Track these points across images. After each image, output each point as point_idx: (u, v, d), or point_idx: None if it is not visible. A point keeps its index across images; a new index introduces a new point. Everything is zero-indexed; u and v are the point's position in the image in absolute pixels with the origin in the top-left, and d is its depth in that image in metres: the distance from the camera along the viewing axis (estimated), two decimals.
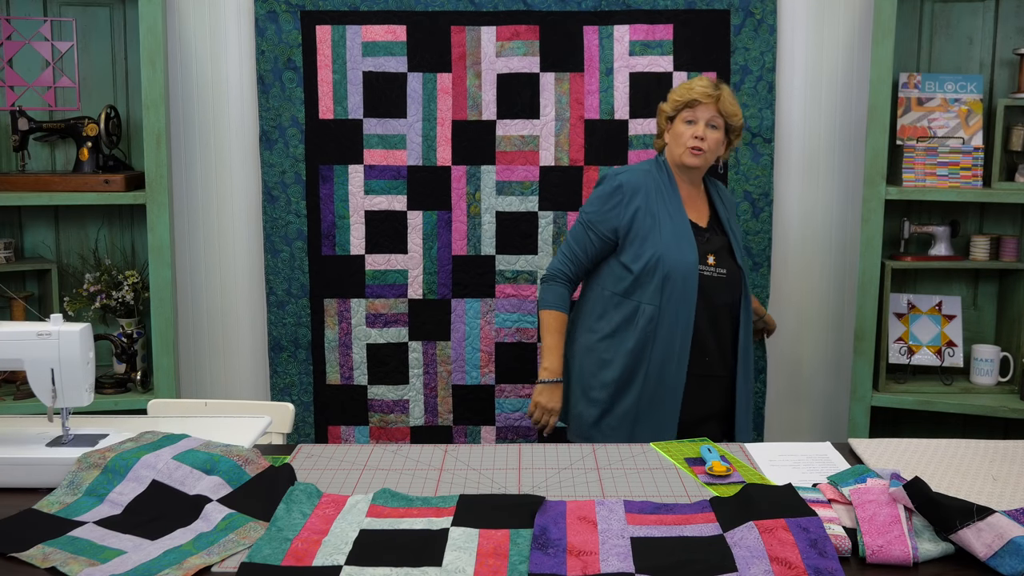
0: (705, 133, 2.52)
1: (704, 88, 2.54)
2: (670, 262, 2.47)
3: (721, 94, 2.54)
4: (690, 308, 2.48)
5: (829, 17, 3.15)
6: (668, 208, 2.54)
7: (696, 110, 2.53)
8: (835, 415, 3.34)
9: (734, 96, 2.59)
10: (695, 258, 2.49)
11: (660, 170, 2.61)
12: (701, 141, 2.52)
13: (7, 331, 1.82)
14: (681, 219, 2.53)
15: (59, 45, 3.04)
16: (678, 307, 2.47)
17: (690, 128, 2.53)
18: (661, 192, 2.56)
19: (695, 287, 2.48)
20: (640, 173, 2.59)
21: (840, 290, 3.29)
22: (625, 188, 2.55)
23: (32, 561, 1.46)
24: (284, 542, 1.51)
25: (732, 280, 2.56)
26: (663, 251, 2.48)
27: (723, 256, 2.56)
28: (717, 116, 2.54)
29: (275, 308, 3.23)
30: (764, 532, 1.48)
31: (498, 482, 1.81)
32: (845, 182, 3.23)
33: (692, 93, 2.53)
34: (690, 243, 2.51)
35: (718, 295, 2.53)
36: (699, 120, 2.53)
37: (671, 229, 2.51)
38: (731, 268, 2.56)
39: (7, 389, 3.07)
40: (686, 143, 2.53)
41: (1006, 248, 3.09)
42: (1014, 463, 1.87)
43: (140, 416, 2.17)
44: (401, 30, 3.11)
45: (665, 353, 2.48)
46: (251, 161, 3.21)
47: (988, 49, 3.11)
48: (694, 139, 2.52)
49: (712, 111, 2.53)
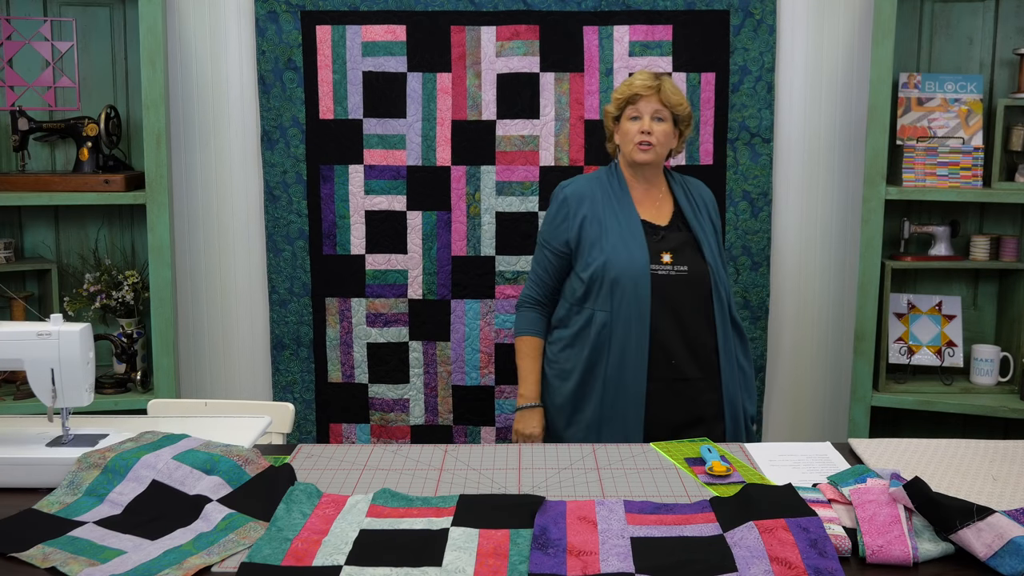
0: (651, 127, 2.49)
1: (644, 81, 2.51)
2: (617, 266, 2.42)
3: (662, 84, 2.51)
4: (644, 311, 2.41)
5: (829, 17, 3.15)
6: (617, 211, 2.50)
7: (639, 105, 2.50)
8: (835, 415, 3.34)
9: (676, 86, 2.55)
10: (645, 259, 2.43)
11: (611, 174, 2.58)
12: (648, 135, 2.48)
13: (7, 331, 1.82)
14: (631, 221, 2.49)
15: (59, 45, 3.04)
16: (631, 311, 2.41)
17: (636, 124, 2.50)
18: (609, 196, 2.53)
19: (647, 289, 2.41)
20: (586, 181, 2.58)
21: (840, 290, 3.29)
22: (570, 200, 2.54)
23: (32, 561, 1.46)
24: (284, 542, 1.51)
25: (697, 278, 2.47)
26: (609, 255, 2.44)
27: (685, 253, 2.48)
28: (662, 108, 2.50)
29: (277, 306, 3.23)
30: (764, 532, 1.48)
31: (498, 482, 1.81)
32: (845, 182, 3.23)
33: (632, 88, 2.50)
34: (640, 244, 2.45)
35: (680, 294, 2.45)
36: (643, 114, 2.49)
37: (618, 232, 2.47)
38: (695, 265, 2.47)
39: (7, 389, 3.07)
40: (633, 139, 2.50)
41: (1006, 248, 3.09)
42: (1014, 463, 1.87)
43: (140, 416, 2.17)
44: (401, 30, 3.11)
45: (621, 359, 2.42)
46: (252, 161, 3.21)
47: (988, 49, 3.11)
48: (641, 134, 2.49)
49: (655, 103, 2.49)
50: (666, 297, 2.43)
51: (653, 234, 2.49)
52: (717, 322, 2.48)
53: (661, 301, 2.42)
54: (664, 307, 2.43)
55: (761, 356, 3.25)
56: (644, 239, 2.46)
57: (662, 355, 2.43)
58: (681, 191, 2.60)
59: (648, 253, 2.44)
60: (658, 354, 2.42)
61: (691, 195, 2.60)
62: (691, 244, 2.50)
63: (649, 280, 2.42)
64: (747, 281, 3.22)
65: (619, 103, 2.55)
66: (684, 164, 3.15)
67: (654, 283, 2.42)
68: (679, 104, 2.52)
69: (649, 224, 2.51)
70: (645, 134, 2.48)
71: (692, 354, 2.45)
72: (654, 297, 2.42)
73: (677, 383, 2.44)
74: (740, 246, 3.20)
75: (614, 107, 2.57)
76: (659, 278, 2.43)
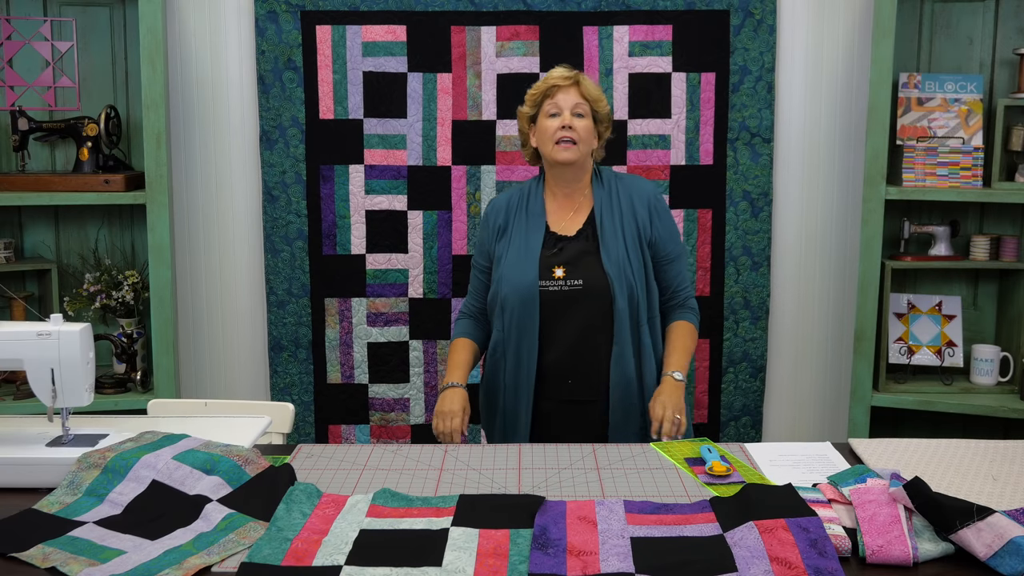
0: (572, 121, 2.31)
1: (561, 73, 2.36)
2: (507, 284, 2.31)
3: (580, 77, 2.37)
4: (531, 331, 2.28)
5: (829, 17, 3.15)
6: (526, 224, 2.38)
7: (557, 99, 2.33)
8: (835, 415, 3.34)
9: (595, 83, 2.43)
10: (534, 276, 2.29)
11: (536, 184, 2.45)
12: (569, 130, 2.31)
13: (7, 331, 1.82)
14: (534, 233, 2.36)
15: (59, 45, 3.04)
16: (519, 331, 2.29)
17: (555, 120, 2.33)
18: (524, 208, 2.41)
19: (535, 307, 2.28)
20: (510, 193, 2.48)
21: (840, 290, 3.29)
22: (490, 214, 2.46)
23: (32, 561, 1.46)
24: (284, 542, 1.51)
25: (595, 291, 2.29)
26: (503, 273, 2.34)
27: (584, 265, 2.31)
28: (582, 101, 2.34)
29: (275, 308, 3.23)
30: (764, 532, 1.48)
31: (498, 482, 1.81)
32: (845, 182, 3.23)
33: (549, 81, 2.36)
34: (532, 259, 2.31)
35: (575, 311, 2.29)
36: (563, 109, 2.32)
37: (518, 246, 2.35)
38: (593, 278, 2.29)
39: (7, 389, 3.07)
40: (553, 137, 2.32)
41: (1006, 248, 3.09)
42: (1014, 463, 1.87)
43: (140, 416, 2.17)
44: (401, 30, 3.11)
45: (514, 381, 2.32)
46: (251, 161, 3.21)
47: (988, 49, 3.11)
48: (561, 129, 2.31)
49: (575, 96, 2.34)
50: (558, 315, 2.29)
51: (552, 247, 2.34)
52: (615, 339, 2.29)
53: (554, 319, 2.29)
54: (557, 325, 2.29)
55: (761, 356, 3.25)
56: (538, 253, 2.32)
57: (555, 376, 2.31)
58: (606, 193, 2.41)
59: (538, 268, 2.30)
60: (552, 375, 2.31)
61: (617, 196, 2.40)
62: (593, 253, 2.33)
63: (537, 298, 2.28)
64: (747, 281, 3.22)
65: (535, 98, 2.38)
66: (685, 164, 3.15)
67: (544, 301, 2.29)
68: (599, 100, 2.37)
69: (554, 235, 2.36)
70: (566, 129, 2.31)
71: (594, 374, 2.31)
72: (545, 316, 2.29)
73: (570, 405, 2.33)
74: (740, 246, 3.20)
75: (529, 105, 2.40)
76: (549, 295, 2.29)
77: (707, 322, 3.23)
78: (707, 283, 3.22)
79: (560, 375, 2.31)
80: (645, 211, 2.38)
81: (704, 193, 3.18)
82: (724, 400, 3.27)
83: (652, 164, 3.16)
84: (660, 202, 2.42)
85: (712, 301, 3.22)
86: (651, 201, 2.40)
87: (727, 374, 3.26)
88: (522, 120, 2.44)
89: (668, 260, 2.41)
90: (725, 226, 3.19)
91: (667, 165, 3.16)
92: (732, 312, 3.23)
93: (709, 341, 3.25)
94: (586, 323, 2.29)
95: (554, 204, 2.42)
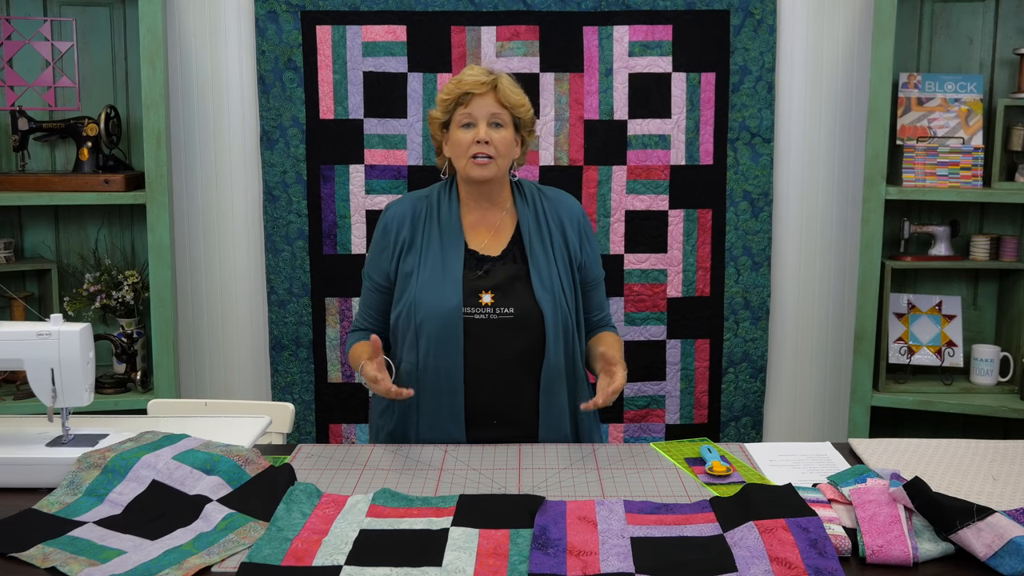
0: (488, 134, 2.04)
1: (476, 77, 2.06)
2: (423, 308, 2.01)
3: (499, 80, 2.08)
4: (455, 364, 2.00)
5: (829, 17, 3.15)
6: (440, 239, 2.09)
7: (471, 107, 2.05)
8: (835, 415, 3.34)
9: (515, 83, 2.12)
10: (457, 300, 2.01)
11: (444, 191, 2.16)
12: (485, 145, 2.04)
13: (7, 331, 1.82)
14: (452, 251, 2.07)
15: (59, 45, 3.04)
16: (438, 363, 2.00)
17: (469, 132, 2.05)
18: (434, 220, 2.12)
19: (459, 336, 1.99)
20: (412, 200, 2.17)
21: (840, 290, 3.29)
22: (389, 224, 2.13)
23: (32, 561, 1.46)
24: (284, 542, 1.51)
25: (526, 321, 2.03)
26: (416, 295, 2.03)
27: (514, 291, 2.05)
28: (500, 110, 2.06)
29: (276, 307, 3.23)
30: (764, 532, 1.48)
31: (498, 482, 1.81)
32: (845, 182, 3.23)
33: (462, 86, 2.06)
34: (454, 281, 2.03)
35: (504, 342, 2.03)
36: (478, 120, 2.05)
37: (434, 265, 2.06)
38: (524, 306, 2.04)
39: (7, 389, 3.07)
40: (467, 152, 2.05)
41: (1006, 248, 3.09)
42: (1014, 463, 1.87)
43: (140, 416, 2.17)
44: (401, 30, 3.11)
45: (433, 421, 2.03)
46: (252, 161, 3.21)
47: (988, 49, 3.11)
48: (476, 144, 2.04)
49: (491, 104, 2.05)
50: (485, 346, 2.02)
51: (476, 268, 2.08)
52: (543, 375, 2.04)
53: (479, 351, 2.02)
54: (483, 358, 2.02)
55: (762, 356, 3.25)
56: (460, 276, 2.05)
57: (481, 416, 2.04)
58: (531, 211, 2.14)
59: (462, 293, 2.03)
60: (476, 414, 2.03)
61: (543, 215, 2.15)
62: (523, 279, 2.07)
63: (461, 326, 2.01)
64: (747, 281, 3.22)
65: (447, 104, 2.09)
66: (685, 164, 3.15)
67: (469, 329, 2.01)
68: (520, 105, 2.09)
69: (476, 255, 2.09)
70: (481, 144, 2.04)
71: (515, 415, 2.06)
72: (469, 346, 2.01)
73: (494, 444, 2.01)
74: (741, 246, 3.20)
75: (441, 110, 2.11)
76: (475, 323, 2.02)
77: (707, 322, 3.23)
78: (707, 283, 3.22)
79: (484, 414, 2.05)
80: (575, 233, 2.16)
81: (704, 193, 3.18)
82: (724, 400, 3.27)
83: (652, 164, 3.16)
84: (587, 223, 2.21)
85: (712, 301, 3.22)
86: (580, 222, 2.18)
87: (727, 374, 3.26)
88: (433, 126, 2.16)
89: (594, 285, 2.21)
90: (725, 226, 3.19)
91: (667, 165, 3.16)
92: (732, 312, 3.23)
93: (709, 341, 3.24)
94: (514, 356, 2.03)
95: (470, 219, 2.14)
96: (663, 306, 3.21)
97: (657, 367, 3.25)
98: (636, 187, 3.17)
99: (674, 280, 3.21)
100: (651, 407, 3.27)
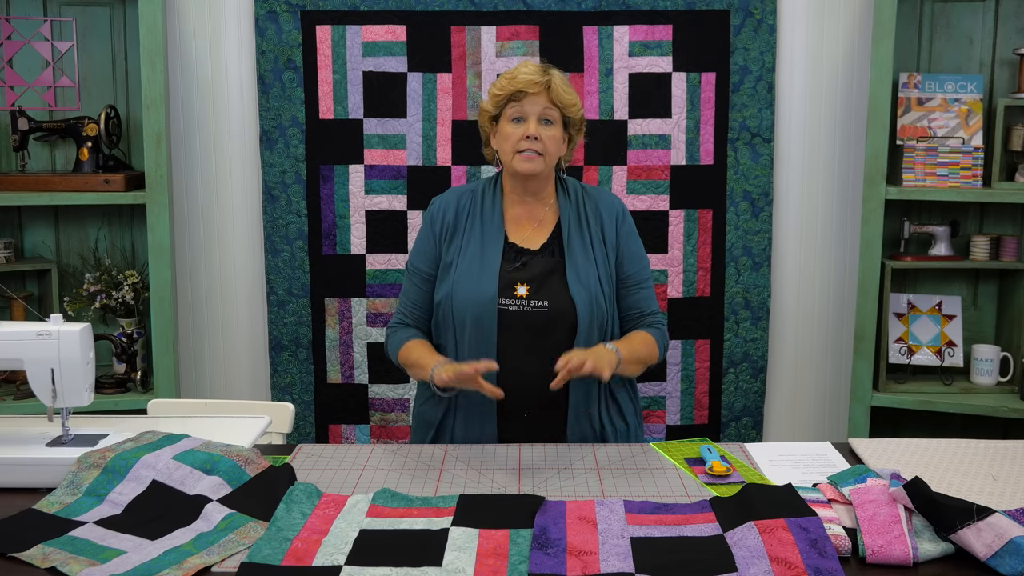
0: (538, 131, 2.06)
1: (529, 75, 2.07)
2: (460, 297, 2.05)
3: (551, 80, 2.08)
4: (488, 353, 2.02)
5: (829, 17, 3.15)
6: (482, 232, 2.12)
7: (523, 103, 2.07)
8: (835, 415, 3.34)
9: (567, 81, 2.12)
10: (492, 291, 2.03)
11: (490, 186, 2.20)
12: (535, 141, 2.06)
13: (7, 331, 1.82)
14: (492, 244, 2.10)
15: (59, 45, 3.04)
16: (474, 353, 2.03)
17: (519, 127, 2.07)
18: (478, 213, 2.15)
19: (493, 327, 2.02)
20: (456, 193, 2.21)
21: (840, 290, 3.29)
22: (435, 215, 2.17)
23: (32, 561, 1.46)
24: (284, 542, 1.51)
25: (559, 314, 2.05)
26: (454, 284, 2.07)
27: (549, 284, 2.07)
28: (551, 108, 2.07)
29: (276, 308, 3.23)
30: (764, 532, 1.48)
31: (498, 482, 1.81)
32: (845, 182, 3.23)
33: (516, 83, 2.07)
34: (490, 272, 2.05)
35: (538, 334, 2.04)
36: (528, 116, 2.07)
37: (473, 256, 2.09)
38: (558, 299, 2.06)
39: (7, 389, 3.07)
40: (515, 146, 2.07)
41: (1006, 248, 3.09)
42: (1014, 463, 1.87)
43: (140, 416, 2.17)
44: (401, 30, 3.11)
45: (468, 410, 2.07)
46: (251, 161, 3.21)
47: (988, 49, 3.11)
48: (525, 140, 2.06)
49: (543, 102, 2.07)
50: (519, 338, 2.04)
51: (513, 261, 2.10)
52: None
53: (513, 342, 2.04)
54: (516, 350, 2.04)
55: (762, 356, 3.25)
56: (497, 267, 2.07)
57: (513, 407, 2.04)
58: (573, 207, 2.17)
59: (497, 284, 2.05)
60: (509, 405, 2.01)
61: (584, 211, 2.17)
62: (559, 273, 2.09)
63: (495, 317, 2.03)
64: (748, 281, 3.22)
65: (498, 100, 2.11)
66: (685, 164, 3.15)
67: (502, 320, 2.04)
68: (572, 104, 2.11)
69: (515, 248, 2.12)
70: (530, 140, 2.06)
71: (546, 407, 2.07)
72: (503, 337, 2.04)
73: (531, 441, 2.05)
74: (741, 246, 3.20)
75: (492, 104, 2.14)
76: (509, 314, 2.04)
77: (707, 323, 3.23)
78: (707, 283, 3.22)
79: (516, 406, 2.05)
80: (613, 229, 2.17)
81: (704, 193, 3.18)
82: (725, 401, 3.27)
83: (652, 164, 3.16)
84: (629, 220, 2.22)
85: (712, 301, 3.22)
86: (614, 219, 2.19)
87: (728, 375, 3.26)
88: (482, 118, 2.19)
89: (638, 282, 2.19)
90: (725, 226, 3.19)
91: (667, 165, 3.16)
92: (733, 312, 3.23)
93: (710, 342, 3.24)
94: (551, 349, 1.98)
95: (513, 212, 2.18)
96: (664, 306, 3.21)
97: (658, 367, 3.24)
98: (636, 187, 3.16)
99: (674, 280, 3.21)
100: (652, 407, 3.27)
